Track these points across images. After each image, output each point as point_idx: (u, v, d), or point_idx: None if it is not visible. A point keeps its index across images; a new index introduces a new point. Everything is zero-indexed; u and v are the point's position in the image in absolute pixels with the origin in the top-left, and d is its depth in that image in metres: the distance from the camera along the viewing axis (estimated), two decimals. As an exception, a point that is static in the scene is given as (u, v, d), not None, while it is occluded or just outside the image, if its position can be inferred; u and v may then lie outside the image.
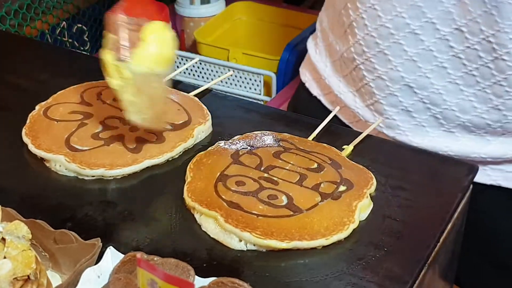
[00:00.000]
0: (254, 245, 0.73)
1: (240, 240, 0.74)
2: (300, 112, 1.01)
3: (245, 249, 0.73)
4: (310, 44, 1.13)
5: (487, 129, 0.94)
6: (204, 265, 0.71)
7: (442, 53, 0.90)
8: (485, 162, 0.97)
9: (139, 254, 0.61)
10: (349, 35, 0.98)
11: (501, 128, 0.93)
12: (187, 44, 1.68)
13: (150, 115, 0.83)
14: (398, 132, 0.99)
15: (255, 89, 1.52)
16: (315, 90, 1.10)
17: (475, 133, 0.95)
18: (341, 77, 1.04)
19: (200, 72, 1.56)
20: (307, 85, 1.11)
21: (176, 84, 1.00)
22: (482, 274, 1.04)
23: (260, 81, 1.50)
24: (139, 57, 0.79)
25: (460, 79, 0.91)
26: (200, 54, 1.57)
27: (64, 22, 1.51)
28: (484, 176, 0.96)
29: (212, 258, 0.73)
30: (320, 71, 1.07)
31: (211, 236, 0.75)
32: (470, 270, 1.03)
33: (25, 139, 0.87)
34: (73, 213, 0.78)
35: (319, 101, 1.09)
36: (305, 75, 1.12)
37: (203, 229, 0.76)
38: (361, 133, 0.90)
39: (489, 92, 0.90)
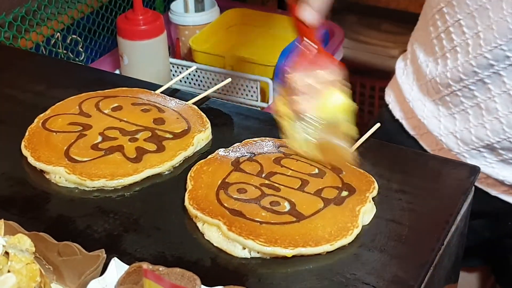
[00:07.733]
0: (258, 252, 0.73)
1: (244, 248, 0.73)
2: (382, 133, 0.93)
3: (249, 256, 0.73)
4: (399, 64, 1.09)
5: None
6: (209, 274, 0.71)
7: None
8: None
9: (145, 265, 0.61)
10: (448, 59, 0.95)
11: None
12: (183, 53, 1.67)
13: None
14: (484, 164, 0.97)
15: (251, 96, 1.51)
16: (397, 113, 1.07)
17: None
18: (427, 101, 1.01)
19: (197, 80, 1.55)
20: (390, 106, 1.09)
21: (174, 93, 1.00)
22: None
23: (257, 88, 1.50)
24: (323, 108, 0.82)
25: None
26: (195, 62, 1.56)
27: (58, 34, 1.50)
28: None
29: (216, 267, 0.72)
30: (405, 93, 1.05)
31: (215, 244, 0.75)
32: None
33: (25, 151, 0.87)
34: (74, 225, 0.78)
35: (401, 124, 1.07)
36: (389, 96, 1.10)
37: (206, 237, 0.76)
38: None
39: None
